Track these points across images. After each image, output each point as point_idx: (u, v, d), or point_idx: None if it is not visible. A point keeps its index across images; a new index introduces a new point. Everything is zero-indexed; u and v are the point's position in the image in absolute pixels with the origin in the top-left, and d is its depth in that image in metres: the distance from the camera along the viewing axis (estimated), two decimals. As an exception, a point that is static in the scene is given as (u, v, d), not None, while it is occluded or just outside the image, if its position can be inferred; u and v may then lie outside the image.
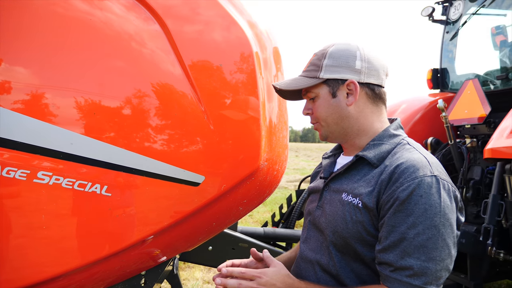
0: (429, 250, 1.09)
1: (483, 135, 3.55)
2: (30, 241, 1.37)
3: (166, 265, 1.79)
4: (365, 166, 1.29)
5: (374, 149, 1.29)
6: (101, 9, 1.44)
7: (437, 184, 1.13)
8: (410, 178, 1.13)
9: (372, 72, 1.30)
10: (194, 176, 1.50)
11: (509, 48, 3.84)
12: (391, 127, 1.34)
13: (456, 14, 4.19)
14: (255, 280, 1.24)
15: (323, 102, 1.33)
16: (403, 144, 1.29)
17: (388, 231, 1.14)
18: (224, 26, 1.60)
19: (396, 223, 1.13)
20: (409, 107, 4.04)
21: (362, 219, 1.21)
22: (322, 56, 1.32)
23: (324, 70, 1.30)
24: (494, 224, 3.03)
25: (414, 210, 1.11)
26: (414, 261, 1.09)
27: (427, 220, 1.10)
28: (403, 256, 1.11)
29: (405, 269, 1.10)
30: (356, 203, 1.23)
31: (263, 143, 1.60)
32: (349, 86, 1.29)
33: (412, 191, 1.11)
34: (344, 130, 1.34)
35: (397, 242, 1.12)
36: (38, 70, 1.35)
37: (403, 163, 1.18)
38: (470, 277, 3.21)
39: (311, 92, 1.35)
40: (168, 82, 1.48)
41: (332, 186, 1.36)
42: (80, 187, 1.38)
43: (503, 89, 3.74)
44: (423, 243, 1.09)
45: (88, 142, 1.38)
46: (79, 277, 1.50)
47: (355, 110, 1.31)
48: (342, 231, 1.25)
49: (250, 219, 7.41)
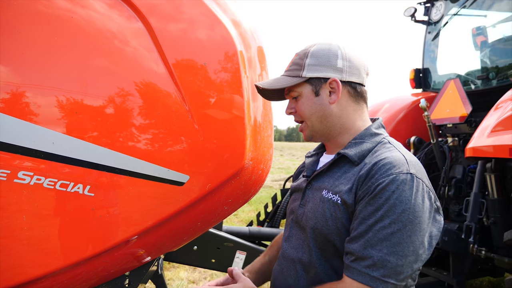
0: (392, 244, 1.10)
1: (464, 134, 3.61)
2: (11, 242, 1.35)
3: (151, 266, 1.78)
4: (346, 164, 1.31)
5: (356, 147, 1.30)
6: (83, 6, 1.42)
7: (411, 182, 1.14)
8: (386, 174, 1.16)
9: (353, 71, 1.32)
10: (178, 175, 1.49)
11: (489, 49, 3.91)
12: (372, 126, 1.36)
13: (438, 15, 4.25)
14: None
15: (306, 100, 1.34)
16: (384, 143, 1.31)
17: (358, 223, 1.16)
18: (208, 24, 1.59)
19: (365, 215, 1.15)
20: (392, 107, 4.09)
21: (341, 216, 1.23)
22: (304, 56, 1.33)
23: (306, 69, 1.32)
24: (476, 222, 3.09)
25: (384, 204, 1.12)
26: (375, 252, 1.11)
27: (394, 215, 1.11)
28: (365, 246, 1.12)
29: (365, 259, 1.12)
30: (336, 200, 1.25)
31: (248, 142, 1.60)
32: (332, 84, 1.31)
33: (385, 186, 1.14)
34: (327, 128, 1.35)
35: (363, 233, 1.14)
36: (18, 69, 1.33)
37: (381, 160, 1.20)
38: (453, 275, 3.26)
39: (294, 91, 1.36)
40: (152, 80, 1.47)
41: (315, 184, 1.37)
42: (62, 187, 1.36)
43: (483, 88, 3.81)
44: (387, 236, 1.10)
45: (70, 141, 1.36)
46: (62, 278, 1.48)
47: (338, 108, 1.33)
48: (322, 228, 1.27)
49: (236, 219, 7.40)
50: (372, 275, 1.10)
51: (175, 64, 1.49)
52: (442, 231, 3.01)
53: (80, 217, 1.40)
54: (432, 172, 3.78)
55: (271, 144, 1.85)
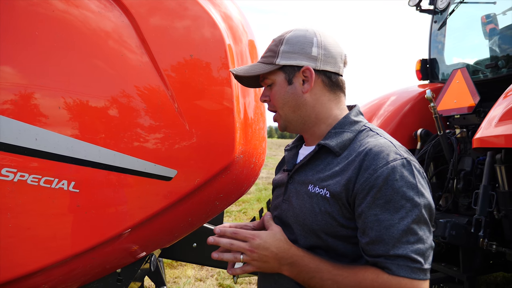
0: (415, 231, 1.09)
1: (473, 125, 3.51)
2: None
3: (142, 263, 1.75)
4: (328, 155, 1.26)
5: (336, 137, 1.25)
6: (64, 1, 1.39)
7: (409, 165, 1.14)
8: (382, 164, 1.12)
9: (328, 60, 1.27)
10: (166, 170, 1.46)
11: (499, 36, 3.80)
12: (351, 114, 1.31)
13: (444, 3, 4.14)
14: (248, 242, 1.17)
15: (279, 89, 1.30)
16: (366, 130, 1.27)
17: (372, 221, 1.11)
18: (196, 18, 1.56)
19: (378, 211, 1.10)
20: (398, 99, 4.00)
21: (331, 210, 1.18)
22: (279, 42, 1.28)
23: (280, 56, 1.27)
24: (486, 215, 2.99)
25: (393, 195, 1.09)
26: (405, 246, 1.08)
27: (408, 202, 1.09)
28: (394, 244, 1.08)
29: (399, 256, 1.08)
30: (324, 193, 1.20)
31: (238, 136, 1.56)
32: (305, 73, 1.26)
33: (387, 176, 1.10)
34: (301, 118, 1.31)
35: (384, 231, 1.09)
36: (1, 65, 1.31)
37: (371, 149, 1.16)
38: (463, 270, 3.18)
39: (268, 79, 1.32)
40: (137, 74, 1.44)
41: (297, 178, 1.32)
42: (47, 184, 1.35)
43: (492, 77, 3.70)
44: (409, 226, 1.08)
45: (53, 137, 1.34)
46: (51, 276, 1.47)
47: (311, 98, 1.28)
48: (311, 224, 1.21)
49: (244, 216, 7.38)
50: (413, 267, 1.08)
51: (161, 58, 1.46)
52: (450, 225, 2.96)
53: (65, 213, 1.38)
54: (440, 165, 3.69)
55: (263, 137, 1.80)
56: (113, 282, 1.69)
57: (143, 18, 1.47)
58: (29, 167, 1.32)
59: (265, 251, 1.17)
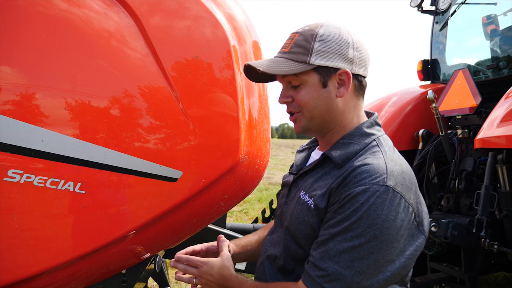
0: (351, 258, 1.04)
1: (474, 125, 3.51)
2: (2, 241, 1.34)
3: (147, 264, 1.76)
4: (330, 165, 1.22)
5: (341, 148, 1.20)
6: (67, 2, 1.40)
7: (385, 194, 1.05)
8: (359, 184, 1.07)
9: (362, 63, 1.20)
10: (171, 171, 1.47)
11: (500, 37, 3.81)
12: (364, 125, 1.24)
13: (445, 4, 4.14)
14: (198, 268, 1.31)
15: (311, 91, 1.18)
16: (373, 146, 1.19)
17: (323, 229, 1.11)
18: (200, 19, 1.56)
19: (331, 224, 1.09)
20: (400, 100, 4.00)
21: (313, 221, 1.16)
22: (311, 38, 1.16)
23: (315, 55, 1.14)
24: (487, 215, 3.00)
25: (350, 215, 1.05)
26: (331, 264, 1.05)
27: (359, 229, 1.04)
28: (323, 256, 1.07)
29: (321, 268, 1.07)
30: (310, 203, 1.18)
31: (243, 137, 1.57)
32: (341, 76, 1.17)
33: (355, 196, 1.06)
34: (327, 124, 1.23)
35: (325, 242, 1.09)
36: (5, 67, 1.31)
37: (360, 167, 1.11)
38: (465, 270, 3.18)
39: (296, 79, 1.19)
40: (143, 76, 1.45)
41: (299, 182, 1.31)
42: (53, 185, 1.35)
43: (494, 78, 3.70)
44: (347, 250, 1.04)
45: (60, 139, 1.34)
46: (57, 276, 1.47)
47: (342, 103, 1.21)
48: (295, 231, 1.22)
49: (246, 216, 7.38)
50: (324, 286, 1.05)
51: (166, 59, 1.47)
52: (451, 225, 2.96)
53: (71, 215, 1.39)
54: (441, 165, 3.70)
55: (268, 139, 1.81)
56: (118, 283, 1.70)
57: (148, 19, 1.47)
58: (35, 169, 1.33)
59: (210, 277, 1.29)
